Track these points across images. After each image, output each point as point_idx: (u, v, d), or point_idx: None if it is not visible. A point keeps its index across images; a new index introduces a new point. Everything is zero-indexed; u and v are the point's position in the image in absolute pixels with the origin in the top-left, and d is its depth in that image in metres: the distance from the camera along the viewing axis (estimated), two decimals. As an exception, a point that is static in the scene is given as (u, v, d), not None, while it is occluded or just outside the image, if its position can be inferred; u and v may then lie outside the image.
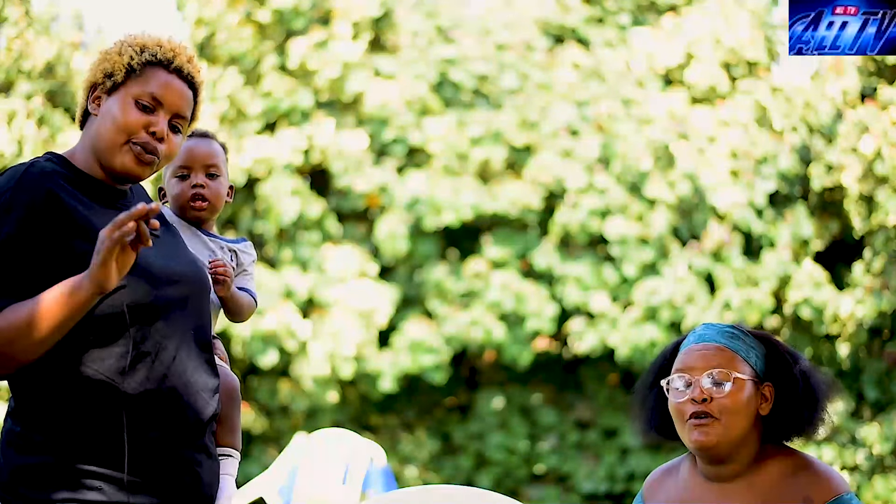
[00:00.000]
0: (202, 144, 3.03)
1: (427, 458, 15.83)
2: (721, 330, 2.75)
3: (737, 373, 2.67)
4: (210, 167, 3.01)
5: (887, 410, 12.44)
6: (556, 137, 15.29)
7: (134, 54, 2.53)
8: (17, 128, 14.03)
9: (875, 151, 12.40)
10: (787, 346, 2.80)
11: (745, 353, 2.71)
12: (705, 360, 2.69)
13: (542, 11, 16.69)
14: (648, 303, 14.61)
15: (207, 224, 3.03)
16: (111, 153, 2.50)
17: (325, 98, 15.57)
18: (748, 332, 2.77)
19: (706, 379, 2.66)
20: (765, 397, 2.71)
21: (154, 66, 2.53)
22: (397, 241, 15.00)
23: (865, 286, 12.67)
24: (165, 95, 2.52)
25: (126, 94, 2.51)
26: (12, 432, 2.44)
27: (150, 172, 2.54)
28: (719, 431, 2.65)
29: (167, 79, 2.53)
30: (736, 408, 2.65)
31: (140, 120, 2.49)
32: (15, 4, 14.72)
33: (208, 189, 2.99)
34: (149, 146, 2.49)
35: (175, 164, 2.99)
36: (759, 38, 15.63)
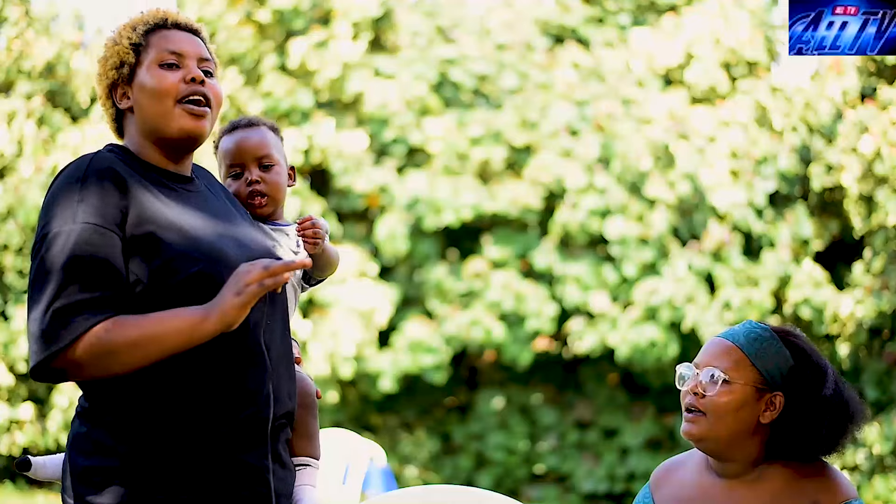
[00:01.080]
0: (249, 135, 2.81)
1: (427, 458, 15.83)
2: (750, 330, 2.73)
3: (734, 376, 2.65)
4: (262, 158, 2.77)
5: (887, 410, 12.44)
6: (556, 137, 15.30)
7: (130, 34, 2.49)
8: (17, 128, 14.03)
9: (875, 151, 12.40)
10: (824, 363, 2.73)
11: (758, 359, 2.68)
12: (711, 356, 2.70)
13: (542, 11, 16.70)
14: (648, 303, 14.61)
15: (275, 215, 2.81)
16: (165, 122, 2.44)
17: (325, 98, 15.58)
18: (781, 339, 2.72)
19: (704, 374, 2.67)
20: (772, 405, 2.67)
21: (153, 31, 2.50)
22: (397, 241, 15.00)
23: (865, 286, 12.67)
24: (182, 46, 2.48)
25: (147, 66, 2.47)
26: (80, 433, 2.38)
27: (210, 126, 2.48)
28: (704, 428, 2.65)
29: (173, 33, 2.50)
30: (723, 409, 2.64)
31: (174, 76, 2.45)
32: (15, 4, 14.73)
33: (264, 183, 2.76)
34: (196, 94, 2.44)
35: (226, 161, 2.79)
36: (759, 38, 15.64)
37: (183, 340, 2.24)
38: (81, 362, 2.24)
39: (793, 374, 2.69)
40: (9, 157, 14.00)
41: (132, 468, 2.31)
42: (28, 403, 13.63)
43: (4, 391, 13.55)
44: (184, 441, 2.32)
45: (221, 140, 2.84)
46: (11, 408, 13.54)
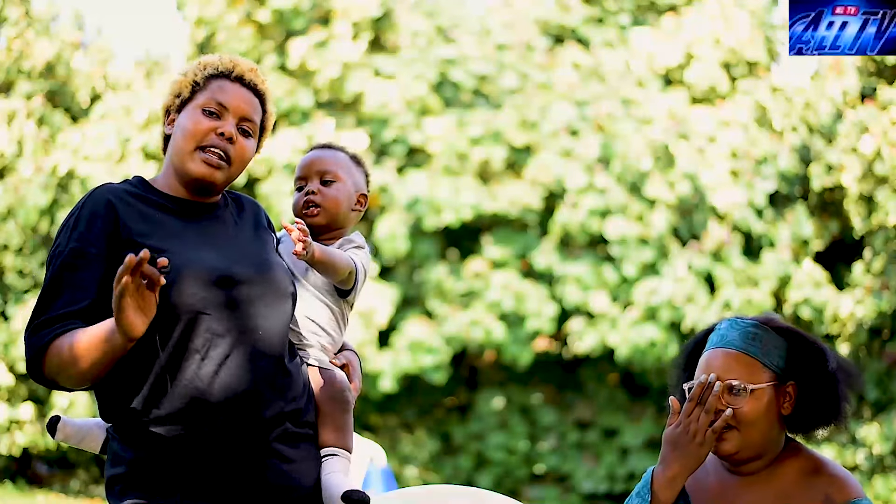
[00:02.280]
0: (321, 153, 2.93)
1: (427, 458, 15.83)
2: (744, 331, 2.76)
3: (754, 383, 2.68)
4: (324, 174, 2.88)
5: (887, 410, 12.44)
6: (556, 137, 15.30)
7: (198, 72, 2.67)
8: (17, 128, 14.03)
9: (875, 151, 12.40)
10: (815, 339, 2.81)
11: (765, 357, 2.72)
12: (725, 369, 2.71)
13: (542, 11, 16.70)
14: (648, 303, 14.61)
15: (330, 234, 2.87)
16: (183, 161, 2.59)
17: (325, 98, 15.58)
18: (773, 328, 2.77)
19: (723, 389, 2.68)
20: (788, 396, 2.72)
21: (216, 77, 2.65)
22: (397, 241, 15.00)
23: (865, 286, 12.68)
24: (229, 100, 2.63)
25: (194, 105, 2.63)
26: (110, 447, 2.56)
27: (223, 177, 2.60)
28: (737, 441, 2.68)
29: (229, 85, 2.65)
30: (754, 418, 2.67)
31: (207, 125, 2.60)
32: (15, 4, 14.73)
33: (321, 195, 2.87)
34: (217, 148, 2.58)
35: (295, 175, 2.95)
36: (759, 38, 15.64)
37: (103, 354, 2.36)
38: (50, 373, 2.44)
39: (793, 359, 2.75)
40: (9, 157, 14.00)
41: (137, 474, 2.46)
42: (28, 403, 13.63)
43: (4, 391, 13.55)
44: (179, 445, 2.45)
45: None
46: (11, 408, 13.53)
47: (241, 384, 2.48)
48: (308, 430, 2.61)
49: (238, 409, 2.47)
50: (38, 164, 13.90)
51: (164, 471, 2.44)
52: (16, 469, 14.31)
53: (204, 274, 2.48)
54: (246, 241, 2.65)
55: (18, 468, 14.37)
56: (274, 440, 2.53)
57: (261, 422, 2.50)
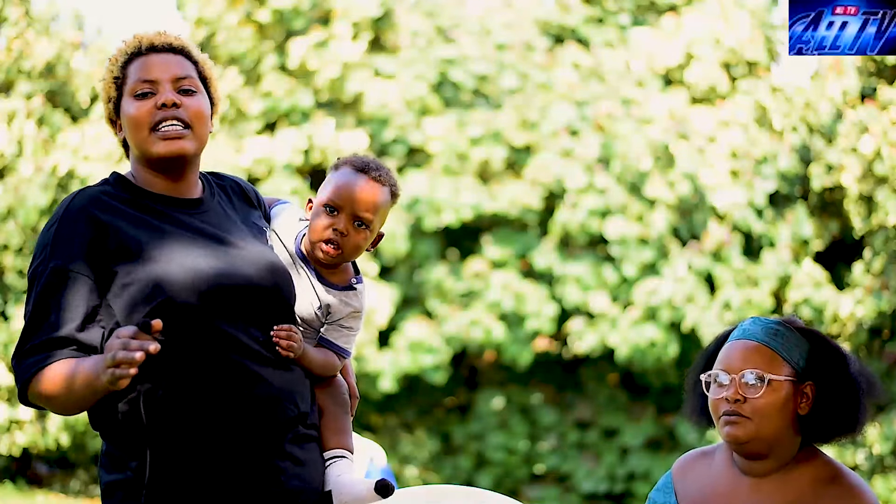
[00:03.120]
0: (371, 190, 2.68)
1: (427, 458, 15.83)
2: (766, 326, 2.76)
3: (773, 374, 2.67)
4: (361, 216, 2.65)
5: (887, 410, 12.43)
6: (556, 137, 15.30)
7: (113, 69, 2.57)
8: (17, 128, 14.03)
9: (875, 151, 12.40)
10: (837, 344, 2.79)
11: (786, 353, 2.71)
12: (744, 359, 2.69)
13: (542, 11, 16.70)
14: (648, 303, 14.61)
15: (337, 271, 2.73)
16: (144, 150, 2.51)
17: (325, 98, 15.58)
18: (795, 329, 2.77)
19: (743, 378, 2.67)
20: (805, 396, 2.69)
21: (131, 61, 2.56)
22: (397, 241, 15.00)
23: (865, 286, 12.67)
24: (153, 71, 2.52)
25: (126, 99, 2.55)
26: (102, 450, 2.51)
27: (192, 144, 2.52)
28: (751, 430, 2.65)
29: (145, 59, 2.55)
30: (769, 410, 2.65)
31: (148, 105, 2.51)
32: (15, 4, 14.72)
33: (350, 239, 2.65)
34: (167, 119, 2.50)
35: (327, 194, 2.66)
36: (759, 38, 15.63)
37: (90, 393, 2.31)
38: (38, 401, 2.41)
39: (814, 360, 2.73)
40: (9, 157, 13.99)
41: (142, 481, 2.40)
42: (28, 403, 13.61)
43: (4, 391, 13.55)
44: (190, 452, 2.39)
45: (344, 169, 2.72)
46: (11, 408, 13.53)
47: (259, 390, 2.45)
48: (314, 432, 2.59)
49: (255, 415, 2.43)
50: (38, 164, 13.90)
51: (174, 478, 2.39)
52: (16, 469, 14.31)
53: (205, 280, 2.43)
54: (243, 237, 2.57)
55: (18, 468, 14.36)
56: (287, 443, 2.50)
57: (277, 426, 2.47)
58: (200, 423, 2.39)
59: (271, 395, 2.46)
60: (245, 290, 2.48)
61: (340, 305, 2.70)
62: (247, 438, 2.42)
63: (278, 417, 2.47)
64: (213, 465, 2.40)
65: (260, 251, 2.57)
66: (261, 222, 2.70)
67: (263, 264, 2.54)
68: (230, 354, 2.43)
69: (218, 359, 2.42)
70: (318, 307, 2.67)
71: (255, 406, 2.43)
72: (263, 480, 2.43)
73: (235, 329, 2.45)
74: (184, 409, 2.39)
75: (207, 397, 2.40)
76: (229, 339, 2.44)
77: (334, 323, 2.71)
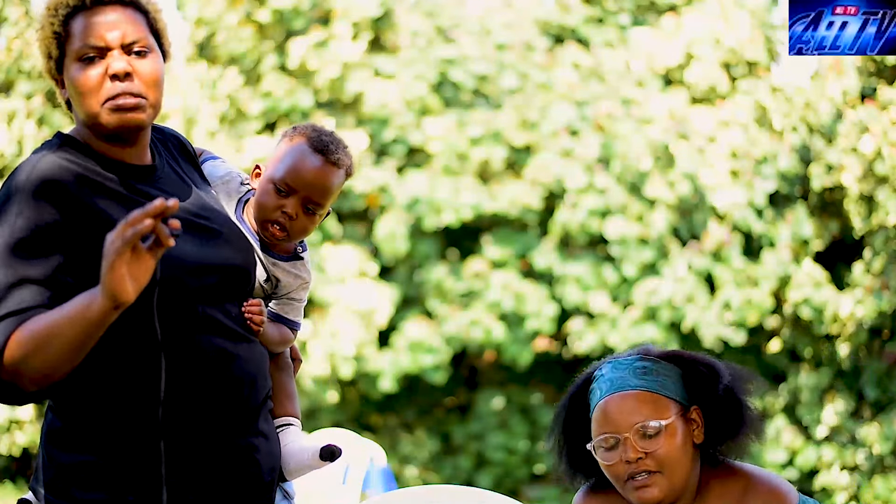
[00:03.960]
0: (329, 175, 2.53)
1: (427, 458, 15.83)
2: (631, 368, 2.57)
3: (664, 419, 2.47)
4: (318, 203, 2.54)
5: (887, 410, 12.43)
6: (556, 137, 15.29)
7: (52, 20, 2.25)
8: (17, 128, 14.03)
9: (875, 151, 12.40)
10: (702, 357, 2.61)
11: (663, 388, 2.52)
12: (629, 413, 2.49)
13: (542, 11, 16.69)
14: (648, 303, 14.60)
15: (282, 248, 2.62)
16: (95, 122, 2.26)
17: (325, 98, 15.57)
18: (658, 359, 2.59)
19: (635, 436, 2.47)
20: (695, 423, 2.53)
21: (74, 16, 2.24)
22: (397, 241, 15.00)
23: (865, 286, 12.67)
24: (100, 33, 2.23)
25: (70, 61, 2.24)
26: (54, 427, 2.29)
27: (147, 113, 2.27)
28: (664, 485, 2.46)
29: (90, 20, 2.23)
30: (675, 455, 2.46)
31: (94, 74, 2.23)
32: (15, 4, 14.72)
33: (298, 222, 2.53)
34: (119, 92, 2.23)
35: (280, 173, 2.52)
36: (759, 38, 15.63)
37: (80, 329, 2.06)
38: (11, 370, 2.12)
39: (688, 383, 2.55)
40: (9, 157, 13.99)
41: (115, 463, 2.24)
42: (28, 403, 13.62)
43: (4, 391, 13.54)
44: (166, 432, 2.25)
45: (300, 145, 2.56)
46: (11, 408, 13.54)
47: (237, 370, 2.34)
48: (271, 403, 2.50)
49: (236, 395, 2.33)
50: (38, 164, 13.89)
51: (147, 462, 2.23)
52: (16, 469, 14.31)
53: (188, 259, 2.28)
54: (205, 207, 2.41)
55: (18, 468, 14.36)
56: (259, 420, 2.42)
57: (255, 404, 2.39)
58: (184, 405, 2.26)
59: (249, 374, 2.36)
60: (223, 270, 2.36)
61: (289, 278, 2.60)
62: (229, 419, 2.32)
63: (257, 395, 2.38)
64: (198, 448, 2.28)
65: (227, 223, 2.44)
66: (206, 182, 2.55)
67: (235, 239, 2.42)
68: (211, 336, 2.31)
69: (200, 340, 2.29)
70: (264, 279, 2.57)
71: (235, 386, 2.33)
72: (243, 460, 2.35)
73: (214, 308, 2.33)
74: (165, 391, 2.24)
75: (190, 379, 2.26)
76: (209, 319, 2.31)
77: (283, 296, 2.61)
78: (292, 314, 2.62)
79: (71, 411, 2.27)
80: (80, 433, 2.26)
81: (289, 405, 2.58)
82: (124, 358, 2.25)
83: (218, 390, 2.31)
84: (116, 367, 2.25)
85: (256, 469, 2.38)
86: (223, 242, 2.38)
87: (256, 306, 2.45)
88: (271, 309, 2.60)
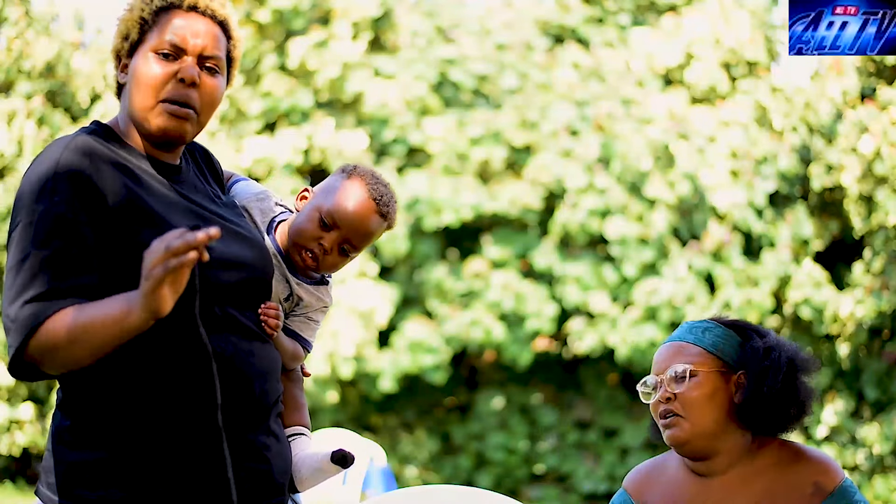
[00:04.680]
0: (375, 224, 2.62)
1: (427, 458, 15.83)
2: (691, 327, 2.76)
3: (696, 366, 2.67)
4: (353, 245, 2.61)
5: (887, 410, 12.44)
6: (556, 137, 15.30)
7: (144, 6, 2.30)
8: (17, 128, 14.03)
9: (875, 151, 12.40)
10: (766, 330, 2.78)
11: (712, 346, 2.70)
12: (667, 358, 2.71)
13: (542, 11, 16.70)
14: (648, 303, 14.61)
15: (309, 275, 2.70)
16: (144, 117, 2.28)
17: (325, 98, 15.58)
18: (724, 324, 2.76)
19: (668, 377, 2.68)
20: (739, 385, 2.68)
21: (167, 11, 2.30)
22: (397, 241, 15.00)
23: (865, 286, 12.67)
24: (185, 37, 2.27)
25: (145, 49, 2.29)
26: (62, 427, 2.27)
27: (193, 129, 2.32)
28: (686, 427, 2.65)
29: (183, 18, 2.28)
30: (699, 401, 2.65)
31: (165, 71, 2.26)
32: (15, 4, 14.72)
33: (330, 258, 2.61)
34: (180, 97, 2.27)
35: (329, 206, 2.60)
36: (759, 38, 15.64)
37: (116, 334, 2.08)
38: (38, 353, 2.13)
39: (745, 350, 2.71)
40: (9, 157, 14.00)
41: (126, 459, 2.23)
42: (28, 403, 13.63)
43: (4, 391, 13.55)
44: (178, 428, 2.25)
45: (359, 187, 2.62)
46: (11, 408, 13.53)
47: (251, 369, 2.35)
48: (281, 406, 2.53)
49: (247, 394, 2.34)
50: (38, 164, 13.90)
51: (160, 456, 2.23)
52: (16, 469, 14.31)
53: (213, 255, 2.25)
54: (225, 210, 2.44)
55: (18, 468, 14.36)
56: (271, 420, 2.43)
57: (267, 403, 2.40)
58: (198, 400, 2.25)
59: (262, 371, 2.38)
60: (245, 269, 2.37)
61: (312, 299, 2.67)
62: (241, 415, 2.32)
63: (268, 395, 2.39)
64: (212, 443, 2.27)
65: (250, 230, 2.47)
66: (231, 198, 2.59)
67: (257, 245, 2.44)
68: (228, 333, 2.32)
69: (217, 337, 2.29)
70: (285, 297, 2.63)
71: (248, 382, 2.33)
72: (255, 457, 2.35)
73: (233, 307, 2.34)
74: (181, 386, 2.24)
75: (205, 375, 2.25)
76: (228, 317, 2.33)
77: (302, 315, 2.66)
78: (307, 333, 2.68)
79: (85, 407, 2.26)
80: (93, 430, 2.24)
81: (299, 416, 2.64)
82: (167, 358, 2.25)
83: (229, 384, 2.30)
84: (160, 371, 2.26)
85: (268, 467, 2.38)
86: (246, 245, 2.40)
87: (273, 309, 2.49)
88: (288, 325, 2.65)
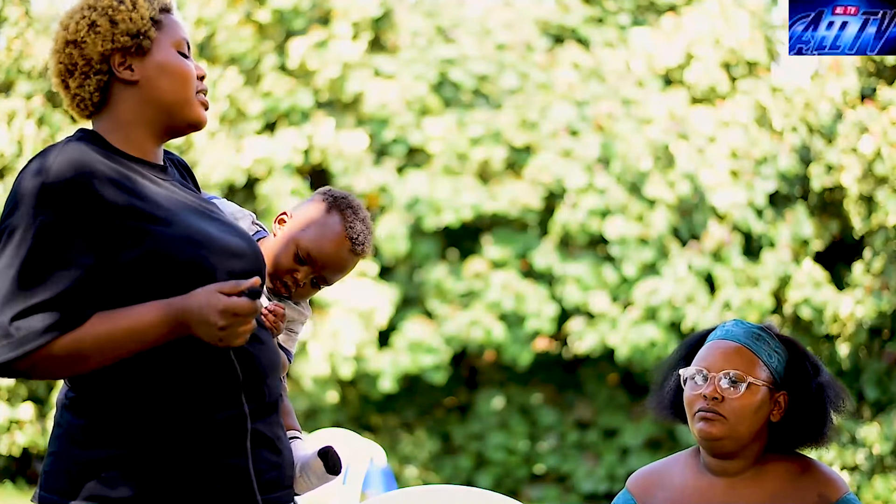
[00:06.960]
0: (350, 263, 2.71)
1: (427, 458, 15.83)
2: (749, 330, 2.76)
3: (753, 377, 2.69)
4: (325, 281, 2.70)
5: (887, 410, 12.43)
6: (556, 137, 15.30)
7: (149, 6, 2.36)
8: (17, 128, 14.03)
9: (875, 151, 12.39)
10: (813, 355, 2.81)
11: (766, 357, 2.72)
12: (725, 358, 2.71)
13: (541, 11, 16.70)
14: (648, 303, 14.61)
15: None
16: (183, 108, 2.36)
17: (325, 98, 15.58)
18: (776, 336, 2.78)
19: (722, 378, 2.68)
20: (778, 405, 2.72)
21: (167, 12, 2.41)
22: (397, 241, 15.00)
23: (865, 286, 12.66)
24: (187, 37, 2.43)
25: (166, 46, 2.36)
26: (75, 426, 2.25)
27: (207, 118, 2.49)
28: (725, 429, 2.67)
29: (177, 21, 2.42)
30: (746, 412, 2.67)
31: (191, 65, 2.39)
32: (15, 4, 14.72)
33: (303, 290, 2.69)
34: (205, 90, 2.43)
35: (306, 243, 2.68)
36: (759, 38, 15.63)
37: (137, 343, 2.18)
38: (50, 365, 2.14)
39: (791, 369, 2.75)
40: (9, 157, 14.00)
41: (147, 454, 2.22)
42: (28, 403, 13.63)
43: (4, 391, 13.55)
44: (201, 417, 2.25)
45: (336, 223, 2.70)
46: (11, 408, 13.53)
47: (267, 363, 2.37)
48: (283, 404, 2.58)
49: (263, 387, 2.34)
50: (38, 164, 13.89)
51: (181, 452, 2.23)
52: (16, 469, 14.31)
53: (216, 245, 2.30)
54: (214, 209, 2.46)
55: (18, 468, 14.36)
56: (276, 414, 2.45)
57: (273, 398, 2.40)
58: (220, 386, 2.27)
59: (273, 363, 2.40)
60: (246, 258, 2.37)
61: (294, 314, 2.73)
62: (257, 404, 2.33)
63: (276, 387, 2.42)
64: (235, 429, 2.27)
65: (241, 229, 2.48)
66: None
67: (249, 240, 2.44)
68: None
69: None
70: None
71: (260, 372, 2.34)
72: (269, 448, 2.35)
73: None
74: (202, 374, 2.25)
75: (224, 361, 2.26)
76: None
77: (284, 328, 2.70)
78: (288, 344, 2.73)
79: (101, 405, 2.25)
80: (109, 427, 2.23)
81: (290, 420, 2.68)
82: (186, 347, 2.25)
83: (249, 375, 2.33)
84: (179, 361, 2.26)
85: (280, 459, 2.39)
86: (241, 239, 2.40)
87: (281, 309, 2.52)
88: None
